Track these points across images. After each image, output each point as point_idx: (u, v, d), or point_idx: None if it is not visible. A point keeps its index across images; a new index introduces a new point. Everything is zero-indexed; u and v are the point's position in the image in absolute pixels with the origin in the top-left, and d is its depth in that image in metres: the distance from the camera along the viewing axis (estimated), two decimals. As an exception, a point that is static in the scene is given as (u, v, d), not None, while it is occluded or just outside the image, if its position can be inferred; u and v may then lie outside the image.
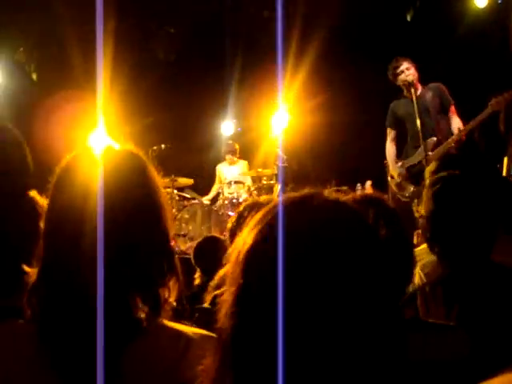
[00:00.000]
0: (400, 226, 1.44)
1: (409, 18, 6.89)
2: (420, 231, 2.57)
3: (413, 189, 4.98)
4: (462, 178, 1.39)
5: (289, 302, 0.73)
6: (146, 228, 1.15)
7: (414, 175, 5.02)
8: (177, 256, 1.21)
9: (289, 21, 6.77)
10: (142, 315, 1.12)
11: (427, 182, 1.53)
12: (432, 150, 4.85)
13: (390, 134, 5.41)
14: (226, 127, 9.26)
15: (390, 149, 5.40)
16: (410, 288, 1.53)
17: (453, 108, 5.12)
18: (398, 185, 5.24)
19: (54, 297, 1.13)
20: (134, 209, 1.14)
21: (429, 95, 5.08)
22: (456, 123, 5.03)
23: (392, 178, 5.33)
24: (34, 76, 7.96)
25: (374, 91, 6.24)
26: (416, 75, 5.07)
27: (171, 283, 1.16)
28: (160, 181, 1.21)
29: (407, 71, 5.07)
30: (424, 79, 5.20)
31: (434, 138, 4.91)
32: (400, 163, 5.27)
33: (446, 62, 6.48)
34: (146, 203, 1.17)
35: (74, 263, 1.10)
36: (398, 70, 5.11)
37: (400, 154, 5.36)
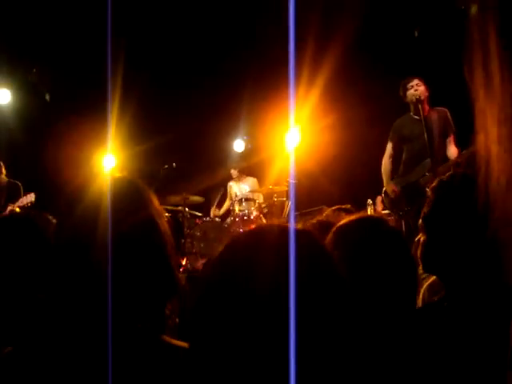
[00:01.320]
0: (403, 246, 1.44)
1: (416, 34, 6.91)
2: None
3: (406, 208, 4.92)
4: (455, 200, 1.39)
5: None
6: (146, 249, 1.17)
7: (409, 194, 4.99)
8: (186, 274, 1.23)
9: (301, 39, 6.79)
10: (145, 332, 1.13)
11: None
12: (428, 171, 4.81)
13: (390, 151, 5.41)
14: (238, 145, 9.29)
15: (388, 165, 5.39)
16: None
17: (452, 136, 5.14)
18: (392, 202, 5.22)
19: (59, 323, 1.15)
20: (134, 231, 1.16)
21: (435, 117, 5.09)
22: (452, 151, 5.07)
23: (386, 195, 5.31)
24: (47, 97, 8.05)
25: (385, 109, 6.24)
26: (426, 94, 5.10)
27: (174, 300, 1.18)
28: (158, 204, 1.24)
29: (417, 87, 5.10)
30: (433, 93, 5.20)
31: (428, 160, 4.86)
32: (394, 181, 5.26)
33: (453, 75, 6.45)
34: (145, 226, 1.19)
35: (80, 289, 1.12)
36: (408, 85, 5.15)
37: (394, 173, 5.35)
